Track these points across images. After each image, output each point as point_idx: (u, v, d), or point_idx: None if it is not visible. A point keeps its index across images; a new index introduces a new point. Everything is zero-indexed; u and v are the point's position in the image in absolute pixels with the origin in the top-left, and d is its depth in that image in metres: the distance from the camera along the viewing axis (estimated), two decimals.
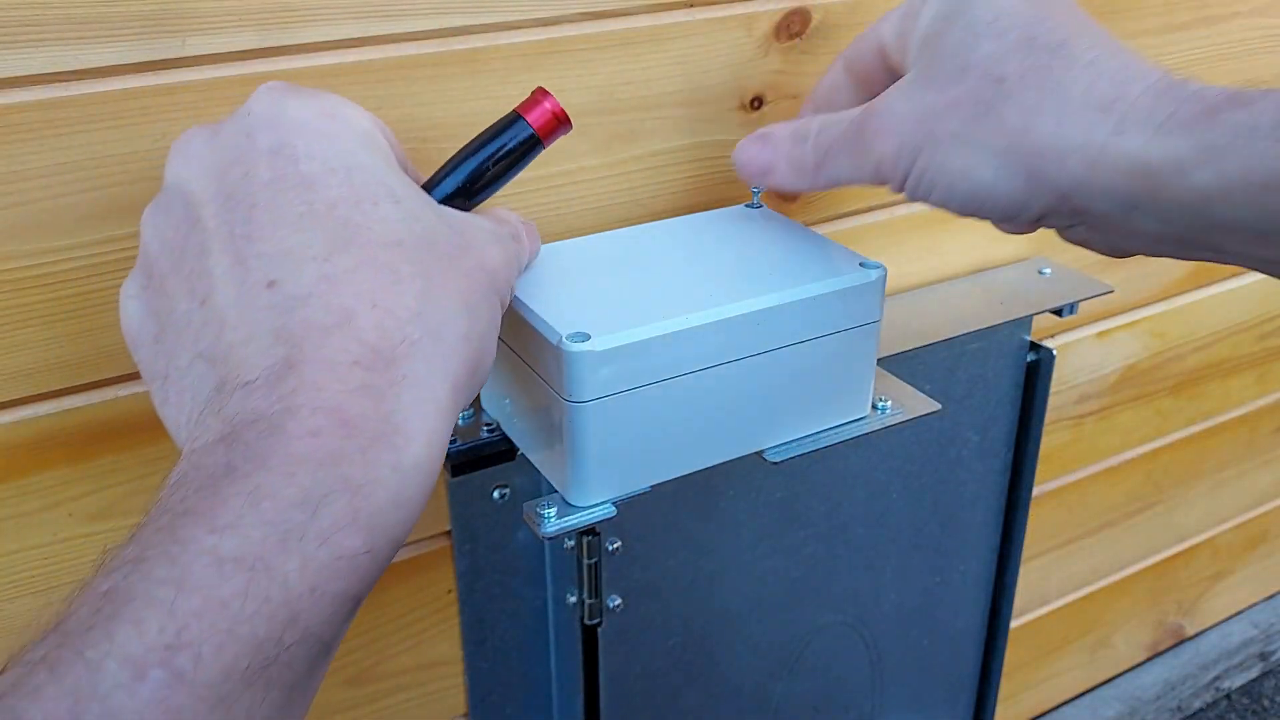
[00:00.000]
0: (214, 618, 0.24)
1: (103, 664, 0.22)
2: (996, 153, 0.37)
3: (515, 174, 0.40)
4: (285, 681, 0.25)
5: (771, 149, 0.45)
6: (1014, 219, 0.39)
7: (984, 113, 0.37)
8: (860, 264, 0.44)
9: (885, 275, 0.44)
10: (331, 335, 0.29)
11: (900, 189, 0.40)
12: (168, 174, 0.34)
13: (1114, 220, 0.36)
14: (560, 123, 0.39)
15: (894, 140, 0.39)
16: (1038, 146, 0.36)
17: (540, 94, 0.39)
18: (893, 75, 0.42)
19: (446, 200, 0.38)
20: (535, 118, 0.38)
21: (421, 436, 0.29)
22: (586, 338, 0.38)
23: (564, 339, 0.38)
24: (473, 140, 0.39)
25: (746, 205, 0.51)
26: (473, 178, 0.38)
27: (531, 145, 0.39)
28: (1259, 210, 0.32)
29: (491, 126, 0.39)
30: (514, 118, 0.39)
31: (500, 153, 0.39)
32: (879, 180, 0.41)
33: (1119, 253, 0.39)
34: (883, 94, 0.41)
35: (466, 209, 0.38)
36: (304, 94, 0.34)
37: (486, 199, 0.39)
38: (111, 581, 0.24)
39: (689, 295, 0.41)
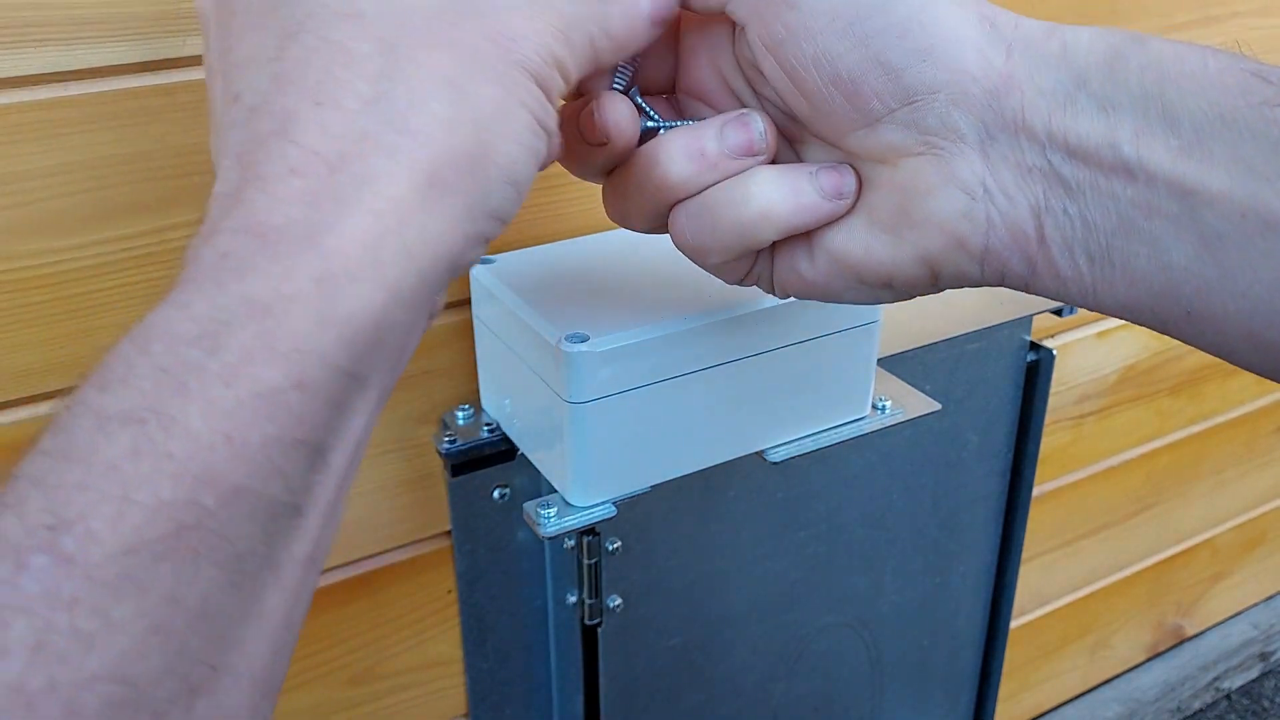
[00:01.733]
0: (101, 486, 0.20)
1: None
2: None
3: None
4: (224, 554, 0.21)
5: None
6: (931, 59, 0.29)
7: None
8: None
9: None
10: (268, 145, 0.25)
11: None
12: None
13: (1026, 121, 0.29)
14: None
15: None
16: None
17: None
18: None
19: None
20: None
21: (364, 238, 0.24)
22: (585, 339, 0.38)
23: (563, 340, 0.38)
24: None
25: None
26: None
27: None
28: None
29: None
30: None
31: None
32: None
33: (882, 257, 0.31)
34: None
35: None
36: None
37: None
38: (18, 466, 0.21)
39: (688, 296, 0.41)
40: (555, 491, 0.42)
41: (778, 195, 0.31)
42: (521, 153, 0.27)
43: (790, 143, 0.33)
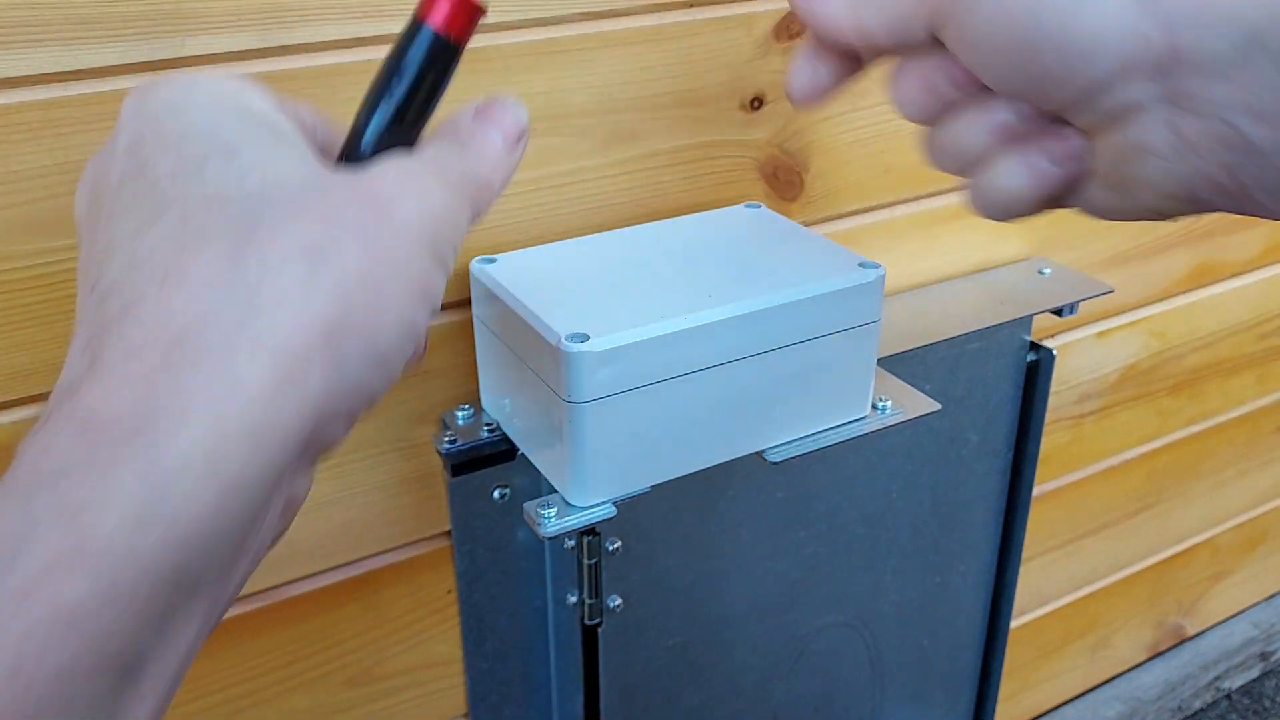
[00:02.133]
0: None
1: None
2: None
3: (442, 89, 0.32)
4: None
5: None
6: (1083, 63, 0.31)
7: None
8: (859, 264, 0.44)
9: (884, 276, 0.44)
10: (111, 330, 0.23)
11: (957, 12, 0.34)
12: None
13: (1200, 89, 0.31)
14: (466, 12, 0.31)
15: None
16: None
17: None
18: None
19: (379, 145, 0.30)
20: (439, 18, 0.30)
21: (201, 424, 0.22)
22: (586, 338, 0.38)
23: (563, 339, 0.38)
24: (382, 66, 0.31)
25: (746, 205, 0.51)
26: (395, 116, 0.30)
27: (448, 53, 0.31)
28: None
29: (396, 43, 0.31)
30: (416, 26, 0.31)
31: (413, 78, 0.31)
32: (931, 6, 0.34)
33: (1125, 207, 0.34)
34: None
35: (410, 142, 0.31)
36: (169, 79, 0.29)
37: (424, 125, 0.32)
38: None
39: (688, 295, 0.41)
40: (555, 491, 0.42)
41: (1017, 174, 0.35)
42: (392, 323, 0.25)
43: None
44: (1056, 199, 0.36)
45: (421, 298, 0.26)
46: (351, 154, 0.30)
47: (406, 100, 0.30)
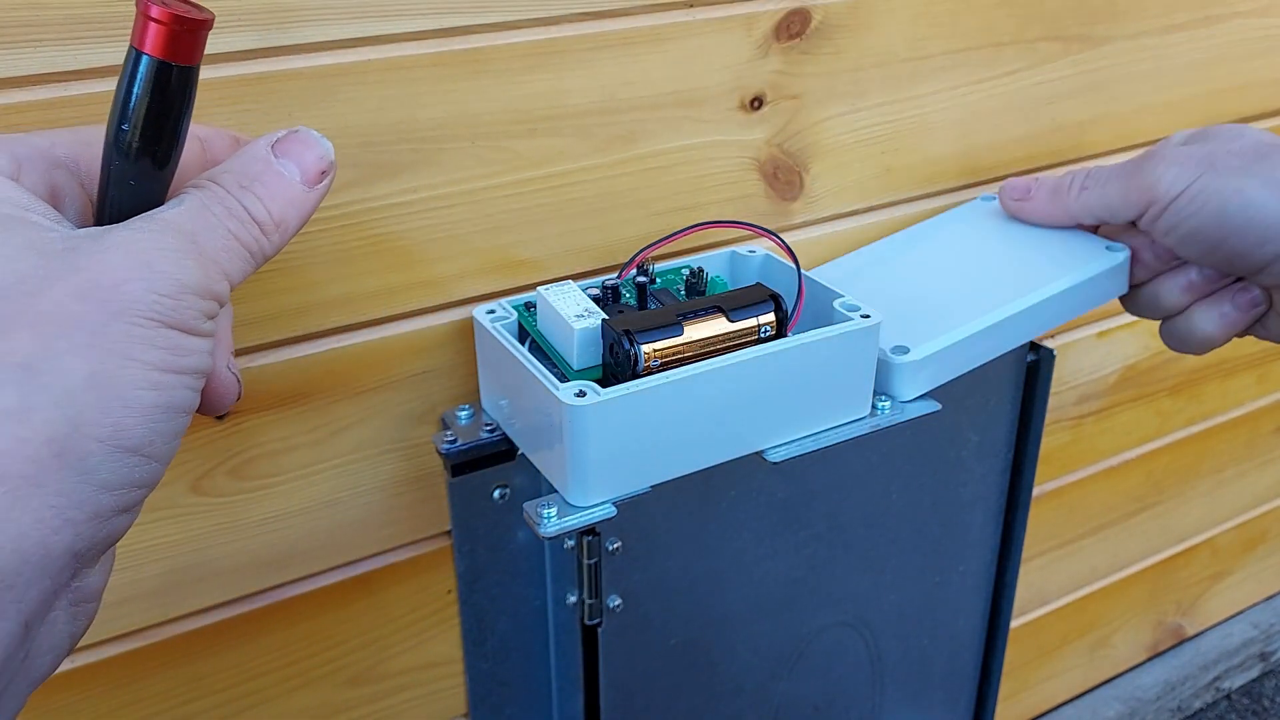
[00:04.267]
0: None
1: None
2: (1272, 181, 0.45)
3: (188, 110, 0.29)
4: None
5: (1038, 181, 0.53)
6: (1263, 246, 0.45)
7: (1261, 157, 0.45)
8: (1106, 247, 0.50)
9: (1129, 256, 0.51)
10: None
11: (1162, 211, 0.47)
12: None
13: None
14: (182, 28, 0.27)
15: (1175, 168, 0.46)
16: None
17: (143, 5, 0.27)
18: None
19: (139, 182, 0.28)
20: (152, 42, 0.27)
21: None
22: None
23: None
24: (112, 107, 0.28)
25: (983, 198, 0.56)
26: (144, 149, 0.28)
27: (169, 75, 0.27)
28: None
29: (119, 79, 0.28)
30: (132, 56, 0.28)
31: (145, 116, 0.27)
32: (1144, 203, 0.47)
33: None
34: (1158, 145, 0.49)
35: (163, 180, 0.29)
36: None
37: (177, 156, 0.29)
38: None
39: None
40: (555, 491, 0.42)
41: (1211, 322, 0.49)
42: (138, 410, 0.24)
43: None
44: (1239, 334, 0.49)
45: (171, 373, 0.25)
46: (100, 215, 0.28)
47: (144, 144, 0.28)
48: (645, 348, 0.39)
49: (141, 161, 0.28)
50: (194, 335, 0.26)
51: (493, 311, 0.46)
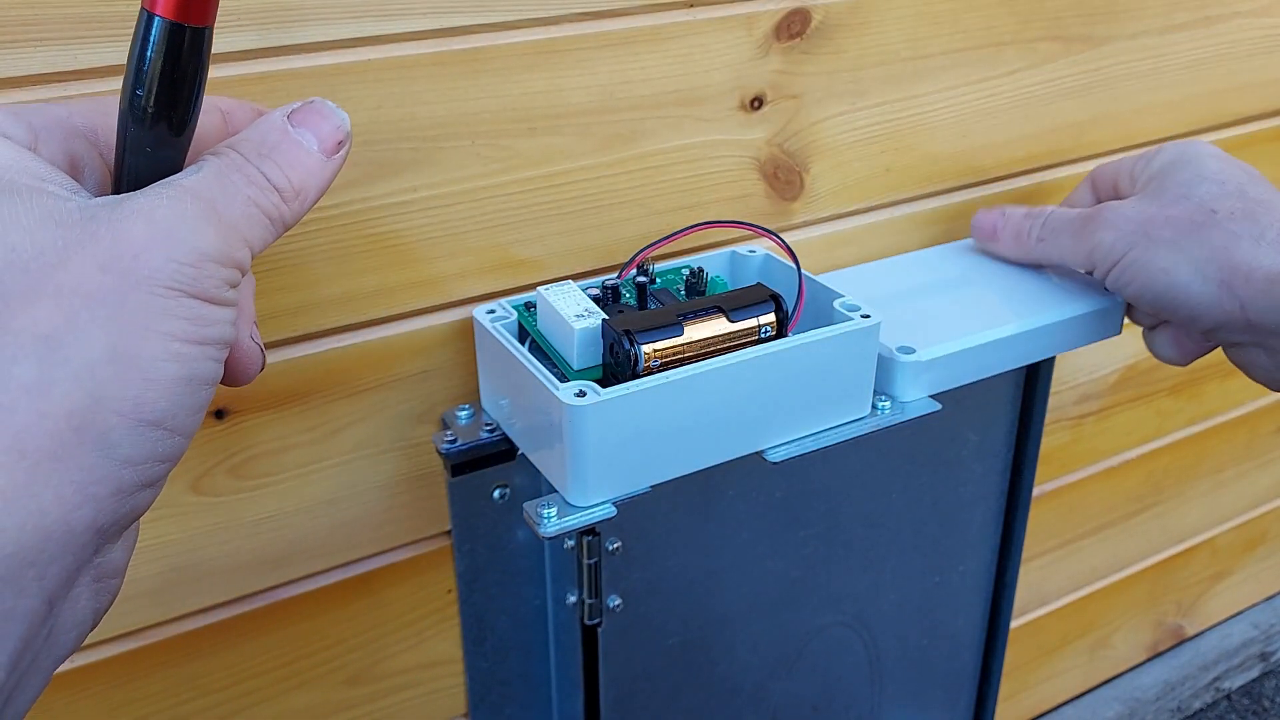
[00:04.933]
0: None
1: None
2: (1197, 261, 0.46)
3: (202, 74, 0.28)
4: None
5: (1004, 219, 0.55)
6: (1193, 321, 0.47)
7: (1194, 230, 0.46)
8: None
9: (1122, 304, 0.54)
10: None
11: (1104, 275, 0.50)
12: None
13: (1275, 341, 0.45)
14: None
15: (1114, 233, 0.48)
16: (1232, 262, 0.45)
17: None
18: (1123, 197, 0.52)
19: (156, 149, 0.28)
20: (164, 3, 0.26)
21: None
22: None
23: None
24: (125, 73, 0.28)
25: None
26: (160, 114, 0.27)
27: (183, 37, 0.27)
28: None
29: (131, 43, 0.27)
30: (144, 19, 0.27)
31: (159, 81, 0.27)
32: (1088, 263, 0.50)
33: (1276, 383, 0.48)
34: (1114, 202, 0.50)
35: (180, 146, 0.28)
36: None
37: (193, 122, 0.29)
38: None
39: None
40: (555, 491, 0.42)
41: (1168, 347, 0.53)
42: (160, 383, 0.24)
43: None
44: (1202, 355, 0.51)
45: (194, 344, 0.25)
46: (118, 183, 0.28)
47: (159, 108, 0.27)
48: (645, 348, 0.39)
49: (158, 127, 0.27)
50: (216, 304, 0.25)
51: (493, 311, 0.46)
